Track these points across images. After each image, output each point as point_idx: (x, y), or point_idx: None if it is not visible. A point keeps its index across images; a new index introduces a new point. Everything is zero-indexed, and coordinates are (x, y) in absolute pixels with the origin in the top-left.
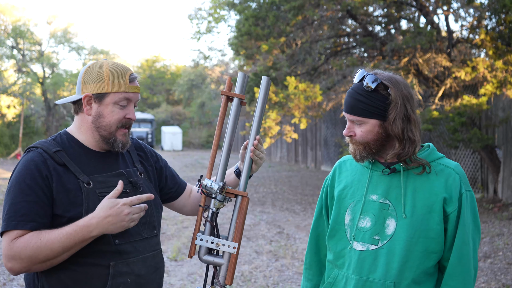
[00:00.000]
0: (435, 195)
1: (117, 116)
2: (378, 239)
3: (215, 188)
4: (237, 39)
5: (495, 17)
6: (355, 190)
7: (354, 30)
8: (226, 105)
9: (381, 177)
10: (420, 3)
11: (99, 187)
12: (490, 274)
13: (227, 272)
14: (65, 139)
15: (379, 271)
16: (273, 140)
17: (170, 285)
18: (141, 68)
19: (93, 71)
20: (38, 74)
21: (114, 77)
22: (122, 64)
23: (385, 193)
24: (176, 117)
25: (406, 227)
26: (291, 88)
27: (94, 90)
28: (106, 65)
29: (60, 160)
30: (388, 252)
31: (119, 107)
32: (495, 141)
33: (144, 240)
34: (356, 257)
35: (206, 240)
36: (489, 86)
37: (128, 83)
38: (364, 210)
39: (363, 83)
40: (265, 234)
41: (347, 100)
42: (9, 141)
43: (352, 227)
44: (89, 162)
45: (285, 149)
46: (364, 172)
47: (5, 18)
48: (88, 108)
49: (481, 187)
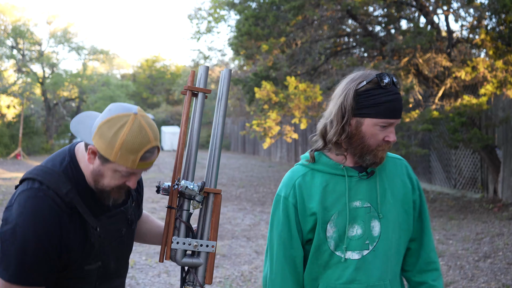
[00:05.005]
0: (403, 187)
1: (116, 182)
2: (368, 243)
3: (196, 190)
4: (237, 39)
5: (495, 17)
6: (334, 201)
7: (354, 30)
8: (190, 101)
9: (358, 182)
10: (420, 3)
11: (103, 230)
12: (490, 274)
13: (207, 272)
14: (75, 172)
15: (376, 273)
16: (273, 140)
17: (170, 285)
18: (141, 68)
19: (112, 128)
20: (38, 74)
21: (125, 150)
22: (145, 135)
23: (365, 196)
24: (176, 117)
25: (389, 225)
26: (291, 88)
27: (101, 150)
28: (127, 130)
29: (71, 202)
30: (379, 253)
31: (121, 174)
32: (495, 141)
33: (121, 278)
34: (354, 266)
35: (183, 243)
36: (489, 86)
37: (137, 161)
38: (351, 219)
39: (395, 84)
40: (265, 234)
41: (397, 106)
42: (9, 141)
43: (339, 238)
44: (95, 201)
45: (285, 149)
46: (337, 180)
47: (5, 18)
48: (91, 158)
49: (481, 187)
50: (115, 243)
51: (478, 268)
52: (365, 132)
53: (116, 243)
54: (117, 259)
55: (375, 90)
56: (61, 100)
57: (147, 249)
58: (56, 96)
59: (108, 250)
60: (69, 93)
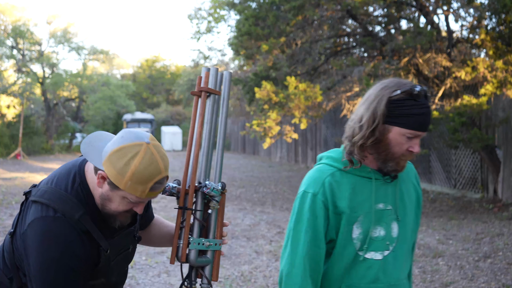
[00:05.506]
0: (414, 191)
1: (124, 208)
2: (389, 244)
3: (221, 190)
4: (237, 39)
5: (495, 17)
6: (360, 202)
7: (354, 30)
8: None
9: (383, 186)
10: (420, 3)
11: (112, 250)
12: (490, 274)
13: (214, 270)
14: (86, 195)
15: (396, 273)
16: (273, 140)
17: (170, 285)
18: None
19: (123, 158)
20: (38, 74)
21: (135, 180)
22: (156, 167)
23: (388, 199)
24: (176, 117)
25: (405, 227)
26: (291, 88)
27: (111, 177)
28: (138, 161)
29: (84, 227)
30: (398, 254)
31: (129, 201)
32: (495, 141)
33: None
34: (377, 266)
35: (198, 243)
36: (489, 86)
37: (147, 191)
38: (376, 221)
39: (427, 97)
40: (265, 234)
41: (426, 120)
42: (9, 141)
43: (363, 240)
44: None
45: (285, 149)
46: (363, 182)
47: (5, 18)
48: (101, 183)
49: (481, 187)
50: (120, 259)
51: (478, 268)
52: (391, 139)
53: (121, 258)
54: (119, 273)
55: (408, 100)
56: (61, 100)
57: (147, 249)
58: (56, 96)
59: (113, 266)
60: (69, 93)
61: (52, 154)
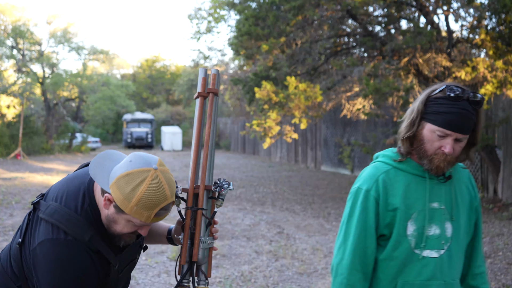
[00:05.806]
0: (468, 194)
1: (129, 230)
2: (443, 243)
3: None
4: (237, 39)
5: (495, 17)
6: (415, 200)
7: (354, 30)
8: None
9: (437, 185)
10: (420, 3)
11: (120, 264)
12: (490, 274)
13: (208, 266)
14: (95, 216)
15: (451, 272)
16: (273, 140)
17: (170, 285)
18: (141, 68)
19: (130, 183)
20: (38, 74)
21: (141, 206)
22: (162, 194)
23: (441, 199)
24: (176, 117)
25: (459, 228)
26: (291, 88)
27: (117, 201)
28: (145, 187)
29: (94, 247)
30: (452, 253)
31: (133, 224)
32: (495, 141)
33: None
34: (433, 264)
35: (204, 241)
36: (489, 86)
37: (152, 216)
38: (430, 219)
39: (475, 101)
40: (265, 234)
41: (457, 120)
42: (9, 141)
43: (418, 237)
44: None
45: (285, 149)
46: (418, 181)
47: (5, 18)
48: (107, 205)
49: (481, 187)
50: (127, 269)
51: None
52: (424, 135)
53: (128, 268)
54: (126, 281)
55: (443, 99)
56: (61, 100)
57: (147, 249)
58: (56, 96)
59: (121, 277)
60: (69, 93)
61: (52, 154)
